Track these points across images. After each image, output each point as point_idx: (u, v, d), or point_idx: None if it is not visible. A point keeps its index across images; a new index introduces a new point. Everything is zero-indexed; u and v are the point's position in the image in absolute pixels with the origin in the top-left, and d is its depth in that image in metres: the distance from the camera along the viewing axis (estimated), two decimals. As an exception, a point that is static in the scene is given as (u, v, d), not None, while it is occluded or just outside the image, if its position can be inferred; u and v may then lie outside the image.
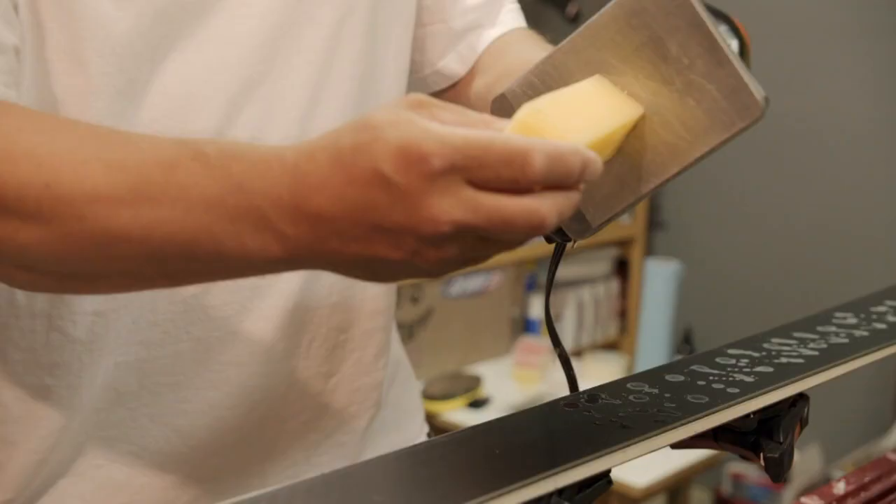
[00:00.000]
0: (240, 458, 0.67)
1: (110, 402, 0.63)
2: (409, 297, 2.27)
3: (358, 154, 0.43)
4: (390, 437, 0.78)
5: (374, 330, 0.73)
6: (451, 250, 0.44)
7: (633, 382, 0.60)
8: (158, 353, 0.63)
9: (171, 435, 0.64)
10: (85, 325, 0.60)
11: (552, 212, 0.44)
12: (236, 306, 0.65)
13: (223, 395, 0.65)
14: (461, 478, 0.46)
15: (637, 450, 0.52)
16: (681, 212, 3.00)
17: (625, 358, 2.57)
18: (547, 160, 0.43)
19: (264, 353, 0.66)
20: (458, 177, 0.42)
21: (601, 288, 2.86)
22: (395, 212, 0.43)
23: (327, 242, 0.45)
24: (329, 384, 0.71)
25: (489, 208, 0.43)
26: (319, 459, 0.71)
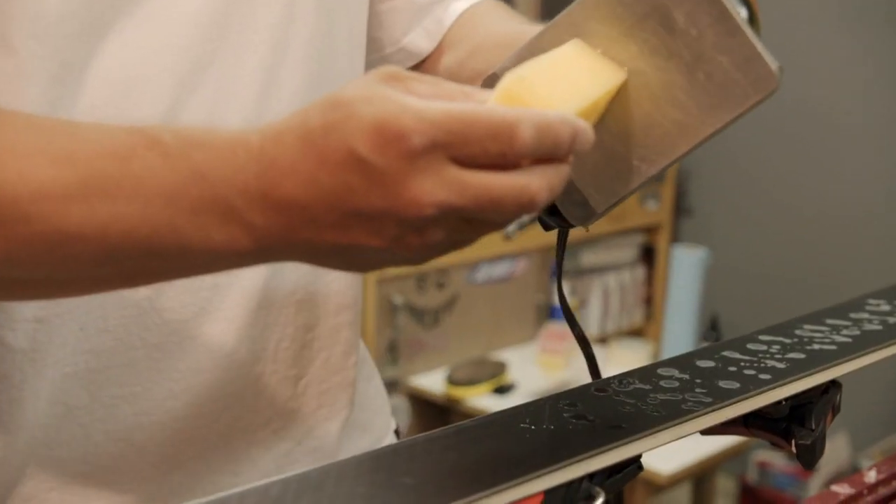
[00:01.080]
0: (206, 471, 0.62)
1: (59, 417, 0.57)
2: (434, 283, 2.28)
3: (329, 134, 0.40)
4: (360, 438, 0.74)
5: (341, 326, 0.68)
6: (435, 235, 0.41)
7: (663, 368, 0.60)
8: (111, 363, 0.57)
9: (129, 451, 0.59)
10: (25, 332, 0.55)
11: (542, 187, 0.41)
12: (194, 308, 0.59)
13: (183, 404, 0.60)
14: (491, 462, 0.46)
15: (667, 435, 0.52)
16: (707, 198, 2.98)
17: (650, 345, 2.55)
18: (535, 131, 0.40)
19: (227, 358, 0.61)
20: (441, 154, 0.39)
21: (627, 275, 2.84)
22: (373, 195, 0.40)
23: (300, 231, 0.42)
24: (298, 387, 0.66)
25: (476, 187, 0.40)
26: (292, 468, 0.66)
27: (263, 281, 0.62)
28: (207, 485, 0.62)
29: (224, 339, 0.61)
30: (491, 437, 0.49)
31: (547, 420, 0.51)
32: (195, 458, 0.61)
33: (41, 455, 0.57)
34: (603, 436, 0.49)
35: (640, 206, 2.82)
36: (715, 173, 2.94)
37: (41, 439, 0.57)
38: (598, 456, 0.48)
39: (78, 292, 0.49)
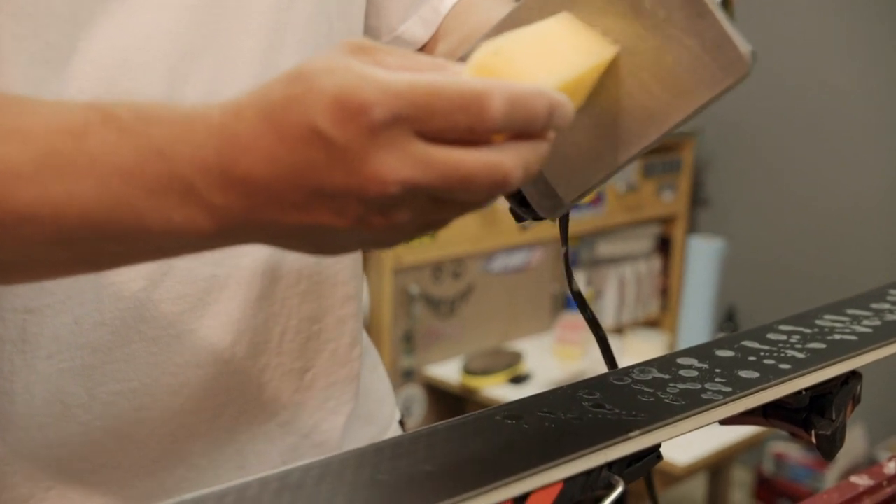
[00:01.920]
0: (210, 465, 0.61)
1: (57, 416, 0.55)
2: (450, 273, 2.28)
3: (290, 108, 0.38)
4: (364, 429, 0.73)
5: (347, 317, 0.67)
6: (401, 215, 0.39)
7: (682, 357, 0.60)
8: (108, 358, 0.56)
9: (130, 447, 0.58)
10: (16, 323, 0.53)
11: (516, 165, 0.38)
12: (192, 300, 0.57)
13: (185, 399, 0.58)
14: (510, 451, 0.46)
15: (687, 425, 0.51)
16: (724, 189, 2.96)
17: (667, 335, 2.55)
18: (507, 103, 0.37)
19: (227, 351, 0.59)
20: (405, 128, 0.37)
21: (643, 265, 2.84)
22: (334, 173, 0.37)
23: (262, 211, 0.39)
24: (305, 380, 0.64)
25: (443, 164, 0.37)
26: (297, 462, 0.63)
27: (263, 271, 0.60)
28: (212, 479, 0.60)
29: (224, 331, 0.59)
30: (509, 426, 0.49)
31: (566, 409, 0.51)
32: (199, 453, 0.60)
33: (40, 455, 0.56)
34: (622, 425, 0.49)
35: (657, 196, 2.81)
36: (732, 164, 2.93)
37: (40, 440, 0.55)
38: (618, 445, 0.48)
39: (33, 277, 0.47)
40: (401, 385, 2.22)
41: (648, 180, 2.78)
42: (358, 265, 0.68)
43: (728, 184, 2.96)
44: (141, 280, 0.55)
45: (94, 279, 0.54)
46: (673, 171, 2.85)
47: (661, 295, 2.93)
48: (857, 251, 2.66)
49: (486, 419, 0.49)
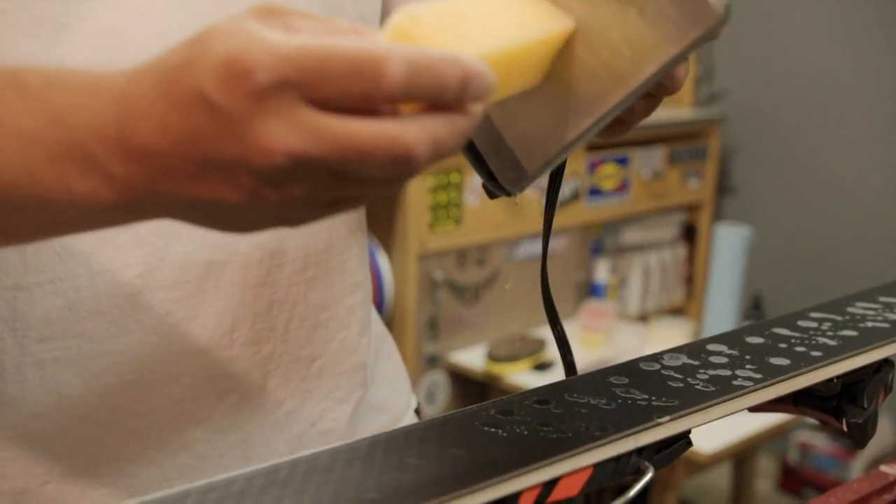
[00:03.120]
0: (213, 454, 0.59)
1: (51, 406, 0.54)
2: (475, 260, 2.27)
3: (182, 72, 0.35)
4: (377, 417, 0.72)
5: (356, 305, 0.65)
6: (295, 189, 0.36)
7: (712, 344, 0.59)
8: (104, 348, 0.54)
9: (129, 439, 0.56)
10: (6, 299, 0.53)
11: (422, 140, 0.35)
12: (190, 287, 0.56)
13: (184, 387, 0.57)
14: (539, 436, 0.46)
15: (717, 411, 0.51)
16: (751, 177, 2.94)
17: (691, 323, 2.54)
18: (407, 69, 0.34)
19: (226, 337, 0.58)
20: (294, 95, 0.34)
21: (668, 253, 2.82)
22: (222, 142, 0.35)
23: (160, 183, 0.37)
24: (312, 369, 0.63)
25: (336, 135, 0.34)
26: (304, 451, 0.62)
27: (261, 257, 0.59)
28: (218, 468, 0.59)
29: (223, 317, 0.57)
30: (539, 411, 0.49)
31: (596, 394, 0.51)
32: (201, 440, 0.58)
33: (34, 447, 0.55)
34: (652, 410, 0.49)
35: (682, 184, 2.80)
36: (759, 151, 2.90)
37: (34, 430, 0.54)
38: (648, 431, 0.48)
39: None
40: (424, 371, 2.22)
41: (674, 168, 2.76)
42: (363, 252, 0.67)
43: (755, 171, 2.93)
44: (137, 266, 0.54)
45: (87, 264, 0.53)
46: (699, 158, 2.83)
47: (685, 283, 2.91)
48: (885, 239, 2.63)
49: (516, 403, 0.49)
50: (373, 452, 0.44)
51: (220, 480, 0.39)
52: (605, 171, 2.55)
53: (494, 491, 0.41)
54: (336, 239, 0.63)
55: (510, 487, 0.42)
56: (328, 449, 0.44)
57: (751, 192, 2.95)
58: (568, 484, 0.45)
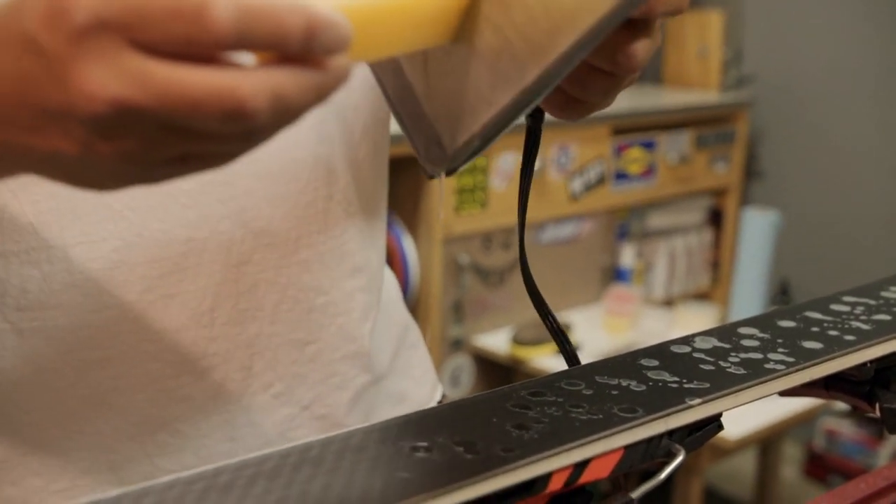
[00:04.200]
0: (195, 433, 0.58)
1: (30, 378, 0.54)
2: (500, 244, 2.27)
3: (13, 13, 0.33)
4: (395, 407, 0.70)
5: (356, 290, 0.64)
6: (127, 142, 0.34)
7: (743, 327, 0.59)
8: (81, 322, 0.53)
9: (108, 414, 0.56)
10: None
11: (259, 93, 0.32)
12: (169, 264, 0.55)
13: (164, 364, 0.56)
14: (572, 417, 0.46)
15: (749, 395, 0.51)
16: (779, 161, 2.91)
17: (718, 308, 2.52)
18: (237, 14, 0.31)
19: (206, 316, 0.56)
20: (117, 37, 0.32)
21: (694, 238, 2.80)
22: (50, 87, 0.33)
23: (5, 133, 0.35)
24: (306, 353, 0.61)
25: (160, 82, 0.32)
26: (295, 434, 0.62)
27: (243, 236, 0.57)
28: (201, 448, 0.59)
29: (203, 296, 0.56)
30: (569, 392, 0.48)
31: (626, 376, 0.51)
32: (181, 419, 0.58)
33: (15, 419, 0.55)
34: (683, 393, 0.49)
35: (709, 168, 2.78)
36: (788, 135, 2.87)
37: (15, 400, 0.54)
38: (679, 413, 0.47)
39: None
40: (449, 355, 2.22)
41: (701, 152, 2.74)
42: (365, 236, 0.65)
43: (783, 155, 2.90)
44: (112, 240, 0.54)
45: (61, 236, 0.53)
46: (726, 142, 2.81)
47: (711, 268, 2.90)
48: (915, 225, 2.60)
49: (546, 385, 0.49)
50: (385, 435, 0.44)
51: (207, 470, 0.38)
52: (632, 155, 2.54)
53: (525, 472, 0.41)
54: (332, 221, 0.61)
55: (541, 468, 0.42)
56: (321, 439, 0.43)
57: (779, 177, 2.92)
58: (599, 465, 0.45)
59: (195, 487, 0.38)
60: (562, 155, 2.33)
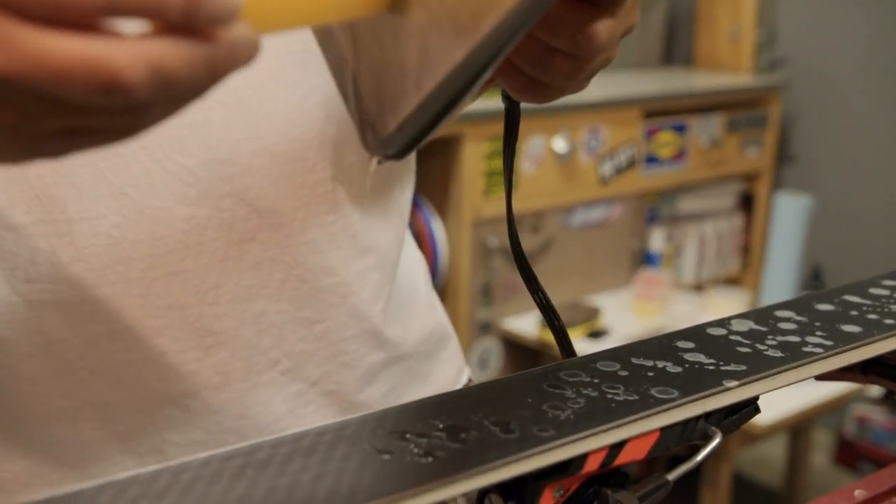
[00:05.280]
0: (204, 410, 0.58)
1: (41, 349, 0.55)
2: (529, 227, 2.26)
3: None
4: (420, 389, 0.70)
5: (368, 270, 0.63)
6: (2, 114, 0.32)
7: (780, 310, 0.58)
8: (87, 295, 0.54)
9: (116, 386, 0.56)
10: None
11: (136, 64, 0.30)
12: (170, 241, 0.55)
13: (169, 340, 0.56)
14: (608, 398, 0.45)
15: (787, 377, 0.50)
16: (812, 145, 2.88)
17: (748, 293, 2.50)
18: None
19: (212, 293, 0.57)
20: None
21: (724, 222, 2.78)
22: None
23: None
24: (313, 331, 0.61)
25: (28, 49, 0.30)
26: (304, 411, 0.62)
27: (247, 214, 0.57)
28: (210, 424, 0.59)
29: (207, 273, 0.56)
30: (605, 373, 0.48)
31: (662, 357, 0.50)
32: (189, 395, 0.58)
33: (24, 391, 0.56)
34: (720, 375, 0.48)
35: (741, 152, 2.75)
36: (821, 119, 2.84)
37: (26, 373, 0.55)
38: (716, 396, 0.47)
39: None
40: (477, 338, 2.23)
41: (732, 135, 2.71)
42: (377, 216, 0.65)
43: (817, 139, 2.87)
44: (113, 216, 0.54)
45: (64, 210, 0.53)
46: (758, 126, 2.78)
47: (742, 252, 2.87)
48: (951, 210, 2.57)
49: (582, 366, 0.49)
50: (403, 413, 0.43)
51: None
52: (662, 139, 2.52)
53: (562, 452, 0.41)
54: (339, 202, 0.61)
55: (577, 449, 0.41)
56: (357, 417, 0.43)
57: (812, 161, 2.89)
58: (635, 447, 0.44)
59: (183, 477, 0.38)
60: (592, 138, 2.32)
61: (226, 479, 0.37)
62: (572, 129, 2.26)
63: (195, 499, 0.35)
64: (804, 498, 2.37)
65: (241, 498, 0.36)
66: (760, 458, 2.72)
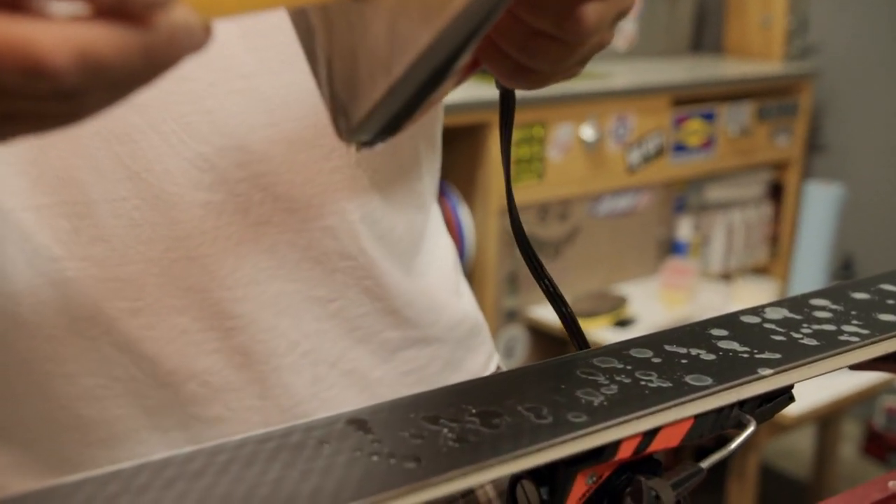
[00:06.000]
0: (225, 385, 0.59)
1: (64, 330, 0.55)
2: (556, 215, 2.26)
3: None
4: (453, 375, 0.69)
5: (386, 255, 0.63)
6: None
7: (815, 299, 0.58)
8: (110, 274, 0.55)
9: (140, 362, 0.57)
10: (14, 222, 0.54)
11: (62, 49, 0.29)
12: (187, 227, 0.56)
13: (190, 320, 0.57)
14: (643, 385, 0.45)
15: (822, 366, 0.50)
16: (844, 134, 2.84)
17: (776, 283, 2.48)
18: None
19: (230, 278, 0.57)
20: None
21: (752, 211, 2.76)
22: None
23: None
24: (328, 309, 0.61)
25: None
26: (327, 395, 0.62)
27: (262, 198, 0.57)
28: (231, 401, 0.59)
29: (224, 259, 0.57)
30: (639, 360, 0.48)
31: (695, 345, 0.50)
32: (211, 372, 0.58)
33: (50, 372, 0.56)
34: (755, 363, 0.48)
35: (771, 141, 2.72)
36: (853, 108, 2.80)
37: (50, 354, 0.56)
38: (751, 384, 0.46)
39: None
40: (503, 326, 2.22)
41: (762, 124, 2.69)
42: (397, 202, 0.64)
43: (848, 128, 2.83)
44: (132, 199, 0.55)
45: (85, 192, 0.54)
46: (789, 114, 2.75)
47: (770, 242, 2.85)
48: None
49: (615, 352, 0.49)
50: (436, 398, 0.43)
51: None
52: (691, 127, 2.50)
53: (595, 438, 0.41)
54: (359, 188, 0.61)
55: (611, 435, 0.41)
56: (386, 402, 0.43)
57: (844, 150, 2.86)
58: (668, 434, 0.44)
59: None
60: (620, 126, 2.31)
61: (261, 462, 0.37)
62: (600, 116, 2.25)
63: (255, 473, 0.36)
64: (832, 489, 2.35)
65: (276, 480, 0.36)
66: (788, 449, 2.71)
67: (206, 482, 0.35)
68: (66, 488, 0.34)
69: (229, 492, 0.35)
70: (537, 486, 0.43)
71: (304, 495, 0.35)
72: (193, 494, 0.34)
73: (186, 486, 0.35)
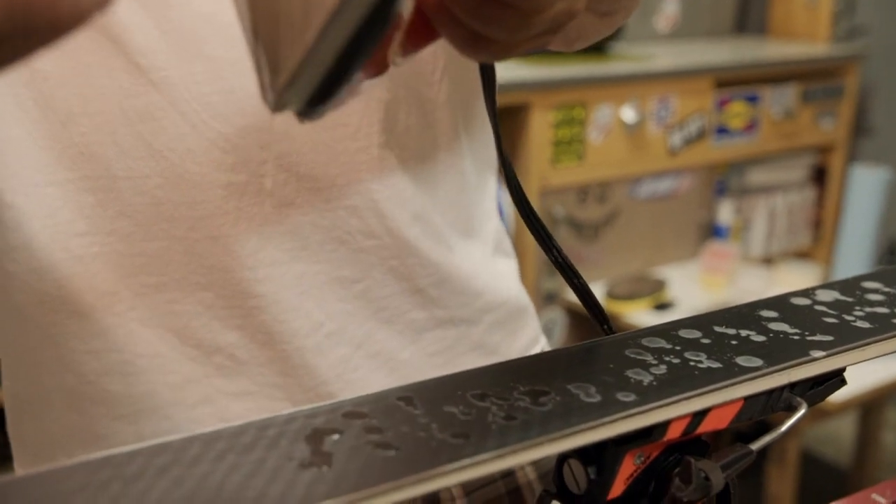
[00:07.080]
0: (251, 359, 0.59)
1: (90, 306, 0.56)
2: (596, 197, 2.24)
3: None
4: (487, 358, 0.69)
5: (414, 237, 0.62)
6: None
7: (867, 281, 0.57)
8: (135, 249, 0.55)
9: (167, 335, 0.57)
10: (38, 198, 0.54)
11: None
12: (210, 206, 0.56)
13: (215, 296, 0.57)
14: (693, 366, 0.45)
15: (876, 349, 0.49)
16: (891, 117, 2.79)
17: (819, 268, 2.45)
18: None
19: (252, 258, 0.57)
20: None
21: (795, 195, 2.72)
22: None
23: None
24: (353, 290, 0.61)
25: None
26: (352, 376, 0.62)
27: (285, 178, 0.57)
28: (256, 376, 0.59)
29: (247, 238, 0.57)
30: (687, 341, 0.47)
31: (745, 326, 0.49)
32: (237, 346, 0.58)
33: (75, 349, 0.57)
34: (806, 345, 0.47)
35: (815, 124, 2.68)
36: (900, 89, 2.75)
37: (74, 330, 0.56)
38: (802, 366, 0.46)
39: None
40: (542, 308, 2.22)
41: (807, 106, 2.64)
42: (429, 182, 0.63)
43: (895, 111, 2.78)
44: (156, 177, 0.55)
45: (108, 168, 0.54)
46: (834, 97, 2.70)
47: (813, 226, 2.81)
48: None
49: (663, 333, 0.48)
50: (498, 382, 0.43)
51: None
52: (734, 110, 2.47)
53: (644, 418, 0.40)
54: (387, 168, 0.60)
55: (660, 415, 0.41)
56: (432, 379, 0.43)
57: (891, 133, 2.81)
58: (718, 415, 0.43)
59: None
60: (661, 108, 2.28)
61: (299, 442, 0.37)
62: (641, 98, 2.22)
63: (280, 454, 0.36)
64: (874, 477, 2.32)
65: (329, 449, 0.36)
66: (829, 435, 2.68)
67: (257, 455, 0.35)
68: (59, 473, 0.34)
69: (279, 466, 0.35)
70: (585, 465, 0.42)
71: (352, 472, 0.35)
72: (243, 468, 0.35)
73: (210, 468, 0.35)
